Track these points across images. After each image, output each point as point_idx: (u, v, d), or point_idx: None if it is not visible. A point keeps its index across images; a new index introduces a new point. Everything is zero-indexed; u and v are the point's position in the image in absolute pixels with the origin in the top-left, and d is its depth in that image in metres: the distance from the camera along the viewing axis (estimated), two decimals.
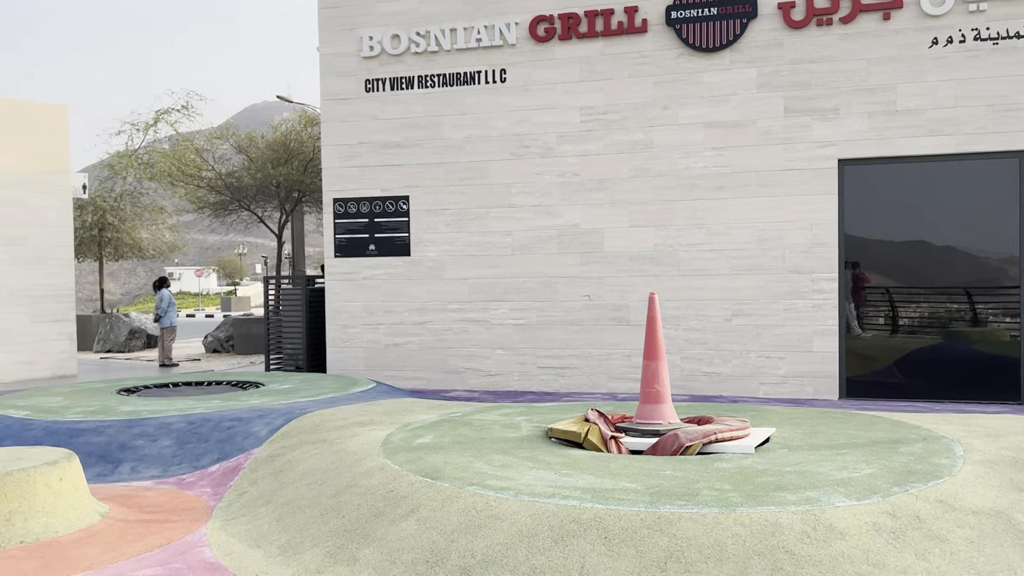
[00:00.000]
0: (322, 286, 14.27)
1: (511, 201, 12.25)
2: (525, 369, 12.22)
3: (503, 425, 7.34)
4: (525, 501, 4.93)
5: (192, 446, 7.67)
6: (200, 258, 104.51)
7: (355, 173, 12.98)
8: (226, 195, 22.01)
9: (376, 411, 8.35)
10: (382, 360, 12.89)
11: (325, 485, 5.94)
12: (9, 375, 15.16)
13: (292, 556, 5.07)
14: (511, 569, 4.44)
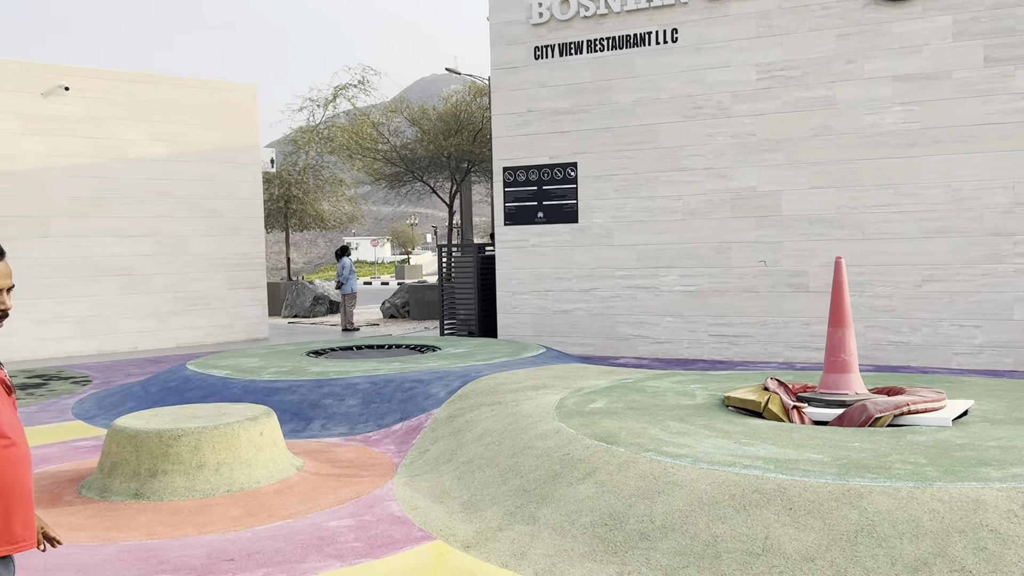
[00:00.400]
0: (493, 254, 14.54)
1: (682, 164, 11.99)
2: (696, 337, 12.00)
3: (677, 392, 7.24)
4: (704, 469, 4.85)
5: (376, 405, 8.04)
6: (375, 228, 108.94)
7: (524, 141, 13.08)
8: (400, 166, 22.76)
9: (548, 375, 8.44)
10: (550, 326, 13.01)
11: (502, 446, 6.07)
12: (209, 338, 16.41)
13: (474, 513, 5.23)
14: (691, 536, 4.39)
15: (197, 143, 16.27)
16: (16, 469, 2.39)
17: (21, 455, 2.42)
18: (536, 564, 4.46)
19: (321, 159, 26.00)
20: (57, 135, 14.65)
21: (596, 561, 4.41)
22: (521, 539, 4.75)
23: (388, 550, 4.73)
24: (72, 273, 14.77)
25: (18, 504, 2.39)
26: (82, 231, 14.87)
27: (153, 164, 15.72)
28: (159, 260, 15.77)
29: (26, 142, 14.32)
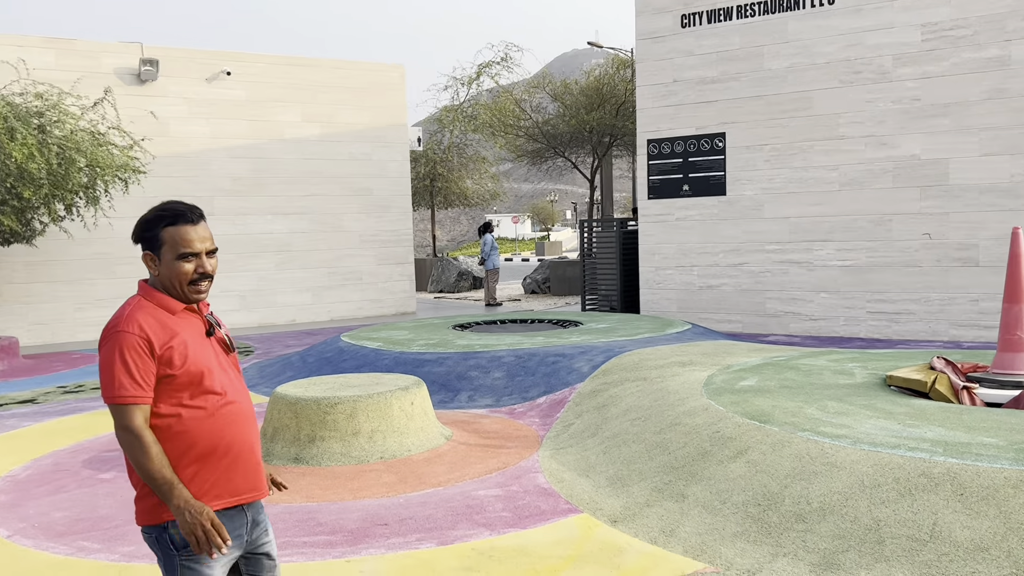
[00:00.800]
0: (635, 228, 14.34)
1: (839, 132, 11.42)
2: (852, 314, 11.45)
3: (834, 371, 6.93)
4: (865, 450, 4.61)
5: (521, 379, 8.10)
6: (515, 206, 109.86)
7: (669, 112, 12.79)
8: (542, 142, 22.77)
9: (694, 352, 8.26)
10: (695, 302, 12.73)
11: (649, 422, 5.99)
12: (360, 311, 17.01)
13: (620, 488, 5.18)
14: (851, 520, 4.18)
15: (348, 123, 16.81)
16: (235, 426, 2.46)
17: (240, 411, 2.49)
18: (686, 542, 4.37)
19: (465, 137, 26.35)
20: (220, 118, 15.46)
21: (749, 541, 4.28)
22: (670, 516, 4.67)
23: (535, 521, 4.75)
24: (235, 249, 15.60)
25: (240, 459, 2.47)
26: (243, 209, 15.67)
27: (307, 144, 16.36)
28: (314, 237, 16.43)
29: (192, 125, 15.18)
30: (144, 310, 2.41)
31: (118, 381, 2.32)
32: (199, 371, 2.40)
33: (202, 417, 2.40)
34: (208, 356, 2.46)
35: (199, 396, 2.40)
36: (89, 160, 10.94)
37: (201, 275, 2.45)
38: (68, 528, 4.85)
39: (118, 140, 12.17)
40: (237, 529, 2.48)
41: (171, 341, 2.38)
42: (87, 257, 14.24)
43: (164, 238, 2.42)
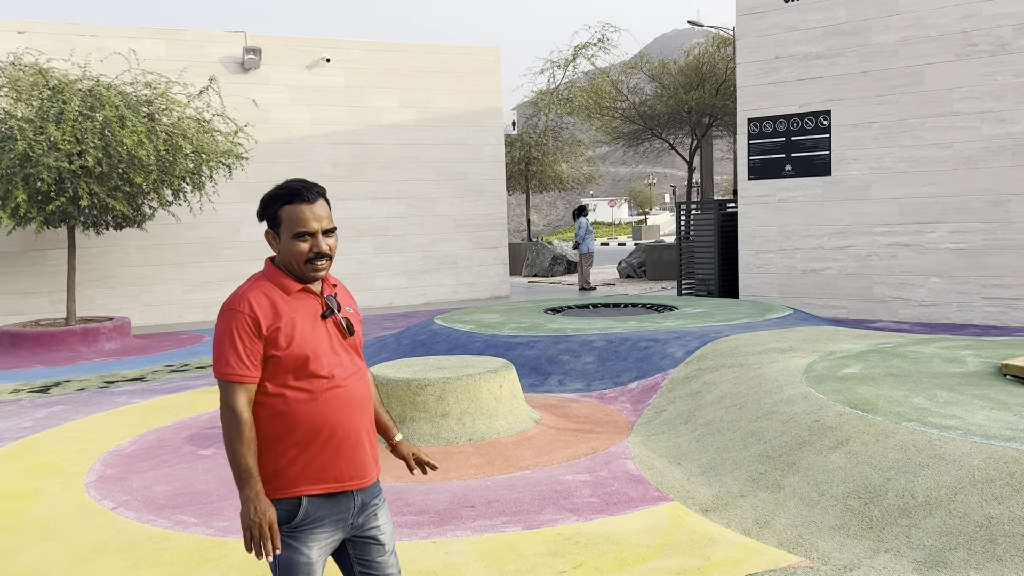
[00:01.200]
0: (734, 211, 13.96)
1: (953, 108, 10.82)
2: (966, 299, 10.87)
3: (944, 359, 6.56)
4: (977, 443, 4.34)
5: (612, 363, 7.98)
6: (612, 189, 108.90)
7: (771, 90, 12.37)
8: (639, 124, 22.42)
9: (795, 338, 7.97)
10: (797, 287, 12.31)
11: (744, 409, 5.80)
12: (454, 295, 17.14)
13: (713, 477, 5.03)
14: (960, 515, 3.94)
15: (443, 108, 16.90)
16: (341, 411, 2.42)
17: (348, 396, 2.44)
18: (780, 534, 4.20)
19: (560, 120, 26.18)
20: (320, 104, 15.76)
21: (848, 535, 4.08)
22: (764, 506, 4.50)
23: (624, 508, 4.66)
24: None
25: (345, 445, 2.42)
26: (342, 194, 15.96)
27: (404, 129, 16.53)
28: (410, 221, 16.62)
29: (294, 112, 15.53)
30: (258, 289, 2.41)
31: (224, 358, 2.35)
32: (304, 354, 2.37)
33: (306, 400, 2.38)
34: (318, 339, 2.41)
35: (304, 379, 2.38)
36: (195, 147, 11.30)
37: (317, 255, 2.40)
38: (168, 502, 5.02)
39: (222, 127, 12.54)
40: (341, 512, 2.45)
41: (279, 322, 2.37)
42: (194, 241, 14.77)
43: (282, 217, 2.42)
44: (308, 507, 2.40)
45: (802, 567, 3.84)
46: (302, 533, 2.39)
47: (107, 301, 14.15)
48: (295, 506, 2.38)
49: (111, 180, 10.79)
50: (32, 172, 10.27)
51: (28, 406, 7.93)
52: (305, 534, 2.39)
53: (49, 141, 10.26)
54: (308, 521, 2.40)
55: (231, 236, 15.07)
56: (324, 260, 2.43)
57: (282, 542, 2.37)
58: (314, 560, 2.39)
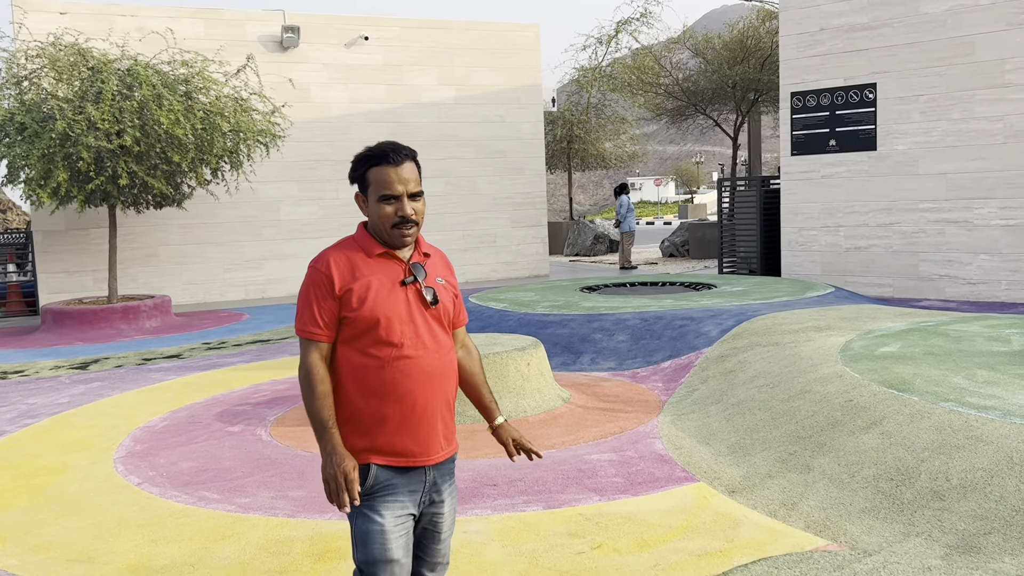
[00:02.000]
0: (777, 187, 13.66)
1: (1004, 80, 10.41)
2: (1017, 277, 10.50)
3: (987, 338, 6.33)
4: (1016, 424, 4.16)
5: (646, 342, 7.85)
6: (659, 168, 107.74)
7: (815, 63, 12.03)
8: (683, 100, 22.04)
9: (833, 316, 7.76)
10: (841, 265, 12.02)
11: (776, 388, 5.65)
12: (493, 273, 17.08)
13: (741, 457, 4.90)
14: (996, 499, 3.78)
15: (482, 85, 16.78)
16: (410, 382, 2.35)
17: (420, 368, 2.37)
18: (808, 516, 4.08)
19: (604, 97, 25.86)
20: (358, 83, 15.74)
21: (878, 518, 3.94)
22: (792, 488, 4.37)
23: (648, 488, 4.56)
24: None
25: (411, 418, 2.36)
26: None
27: (442, 108, 16.45)
28: (449, 200, 16.57)
29: (332, 91, 15.54)
30: (342, 249, 2.40)
31: (301, 315, 2.37)
32: (375, 318, 2.32)
33: (374, 367, 2.33)
34: (394, 305, 2.36)
35: (374, 345, 2.33)
36: (232, 125, 11.35)
37: (402, 219, 2.36)
38: (192, 478, 5.04)
39: (260, 106, 12.59)
40: (414, 485, 2.40)
41: (353, 283, 2.34)
42: (234, 220, 14.89)
43: (369, 179, 2.39)
44: (378, 474, 2.36)
45: (828, 551, 3.71)
46: (374, 500, 2.35)
47: (150, 280, 14.35)
48: (364, 473, 2.35)
49: (149, 159, 10.89)
50: (72, 152, 10.41)
51: (67, 383, 8.06)
52: (378, 501, 2.35)
53: (88, 121, 10.38)
54: (379, 488, 2.36)
55: (271, 215, 15.17)
56: (410, 225, 2.38)
57: (356, 511, 2.34)
58: (388, 528, 2.33)
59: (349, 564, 3.73)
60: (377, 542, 2.33)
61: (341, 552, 3.87)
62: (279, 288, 15.28)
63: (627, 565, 3.65)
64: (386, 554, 2.34)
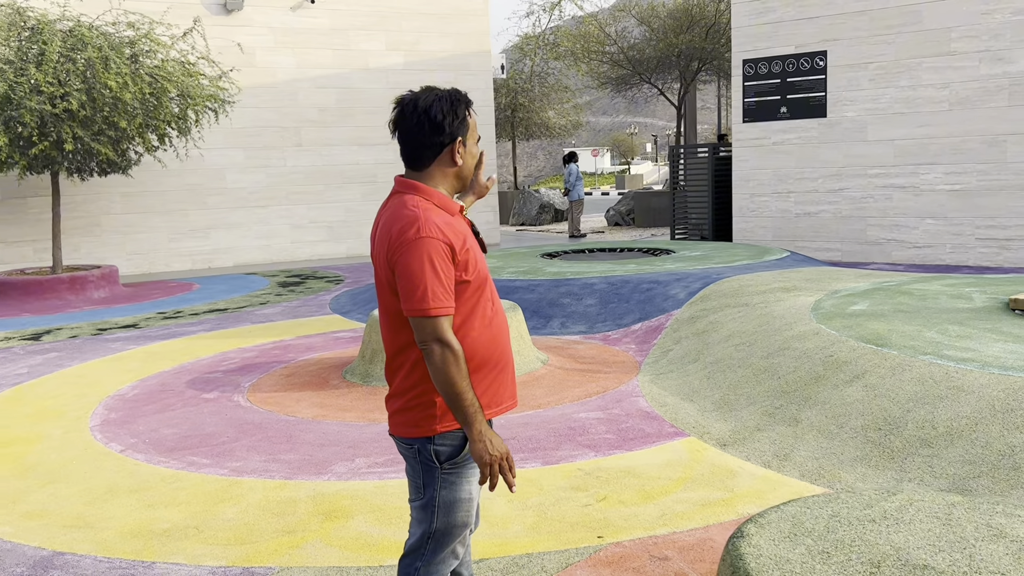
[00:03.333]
0: (729, 155, 13.86)
1: (950, 48, 10.71)
2: (960, 241, 10.88)
3: (950, 295, 6.56)
4: (995, 374, 4.33)
5: (614, 306, 7.93)
6: (592, 139, 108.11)
7: (767, 31, 12.19)
8: (627, 69, 22.14)
9: (797, 278, 7.95)
10: (791, 230, 12.29)
11: (754, 347, 5.77)
12: None
13: (728, 412, 5.01)
14: (983, 445, 3.94)
15: (431, 51, 16.58)
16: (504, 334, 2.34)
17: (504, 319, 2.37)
18: (802, 466, 4.20)
19: (547, 66, 25.82)
20: (305, 48, 15.40)
21: (870, 466, 4.08)
22: (783, 440, 4.49)
23: (641, 443, 4.63)
24: (323, 181, 15.69)
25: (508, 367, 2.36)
26: (329, 140, 15.69)
27: (391, 74, 16.22)
28: (399, 167, 16.38)
29: (278, 55, 15.18)
30: (435, 213, 2.20)
31: (431, 291, 2.12)
32: (484, 275, 2.27)
33: (482, 327, 2.26)
34: (484, 260, 2.32)
35: (481, 303, 2.26)
36: (180, 90, 11.02)
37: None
38: (177, 444, 4.95)
39: (207, 70, 12.23)
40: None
41: (465, 244, 2.22)
42: (179, 188, 14.50)
43: (469, 123, 2.28)
44: None
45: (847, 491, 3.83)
46: (464, 467, 2.28)
47: (92, 250, 13.92)
48: (458, 439, 2.26)
49: (95, 124, 10.51)
50: (13, 115, 9.99)
51: (21, 353, 7.80)
52: (466, 469, 2.29)
53: (31, 83, 9.96)
54: (468, 456, 2.29)
55: (217, 183, 14.82)
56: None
57: (449, 475, 2.27)
58: (473, 496, 2.31)
59: (358, 522, 3.72)
60: (463, 510, 2.30)
61: (347, 510, 3.85)
62: (226, 258, 14.97)
63: (635, 516, 3.72)
64: (467, 520, 2.33)
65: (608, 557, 3.34)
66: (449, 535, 2.31)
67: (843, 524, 2.53)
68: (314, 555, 3.45)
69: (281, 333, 8.29)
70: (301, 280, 12.41)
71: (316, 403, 5.65)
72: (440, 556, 2.33)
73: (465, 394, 2.14)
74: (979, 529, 2.45)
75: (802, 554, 2.37)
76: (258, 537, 3.64)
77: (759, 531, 2.53)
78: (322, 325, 8.69)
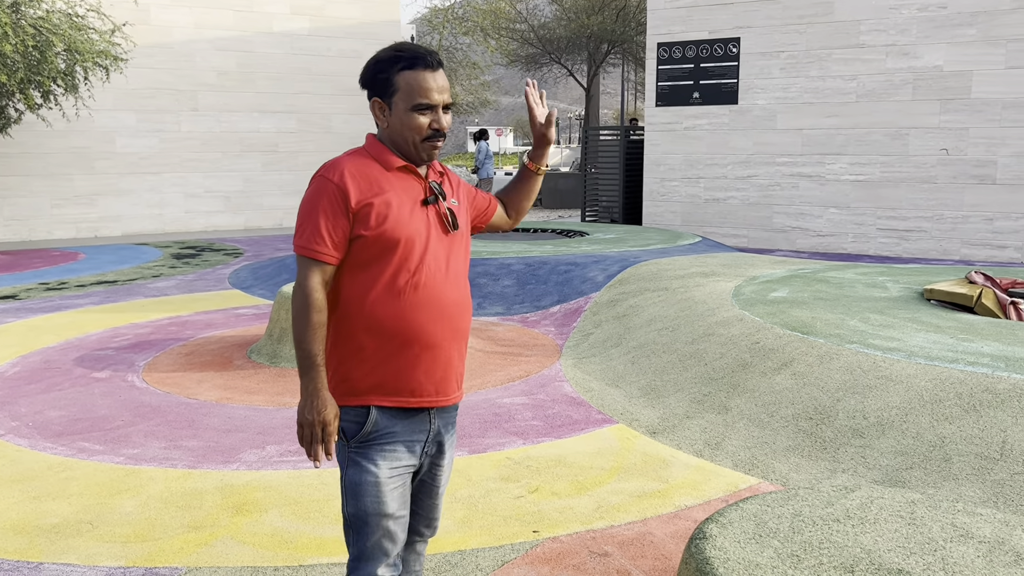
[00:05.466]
0: (640, 138, 13.87)
1: (859, 40, 10.92)
2: (862, 230, 11.16)
3: (865, 284, 6.64)
4: (922, 364, 4.34)
5: (532, 287, 7.76)
6: (494, 118, 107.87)
7: (682, 15, 12.19)
8: (537, 48, 21.95)
9: (714, 263, 7.95)
10: (700, 215, 12.38)
11: (678, 332, 5.69)
12: None
13: (655, 399, 4.90)
14: (913, 435, 3.93)
15: (338, 18, 16.00)
16: (427, 313, 2.06)
17: (437, 298, 2.07)
18: (734, 455, 4.11)
19: (455, 40, 25.39)
20: (203, 6, 14.61)
21: (803, 456, 4.02)
22: (713, 428, 4.40)
23: (569, 431, 4.47)
24: (220, 148, 14.96)
25: (426, 354, 2.07)
26: (228, 106, 14.97)
27: (295, 39, 15.58)
28: (302, 137, 15.80)
29: (175, 13, 14.35)
30: (356, 161, 2.07)
31: (304, 230, 2.03)
32: (395, 239, 2.02)
33: (388, 296, 2.03)
34: (415, 227, 2.06)
35: (390, 269, 2.03)
36: (67, 44, 10.24)
37: (436, 131, 2.07)
38: (65, 428, 4.51)
39: (97, 24, 11.42)
40: (416, 434, 2.12)
41: (373, 198, 2.02)
42: (64, 151, 13.57)
43: (399, 83, 2.05)
44: (379, 419, 2.07)
45: (762, 488, 3.75)
46: (370, 448, 2.06)
47: None
48: (363, 416, 2.06)
49: None
50: None
51: None
52: (374, 450, 2.06)
53: None
54: (378, 435, 2.07)
55: (105, 147, 13.93)
56: (442, 139, 2.10)
57: (350, 458, 2.07)
58: (383, 479, 2.06)
59: (272, 516, 3.43)
60: (371, 495, 2.05)
61: (260, 503, 3.55)
62: (114, 226, 14.13)
63: (570, 508, 3.55)
64: (380, 508, 2.07)
65: (546, 553, 3.16)
66: (365, 524, 2.07)
67: (808, 524, 2.40)
68: (225, 554, 3.15)
69: (177, 308, 7.80)
70: (197, 252, 11.79)
71: (219, 385, 5.28)
72: (363, 551, 2.09)
73: (303, 344, 2.01)
74: (945, 529, 2.37)
75: (771, 557, 2.23)
76: (161, 533, 3.31)
77: (721, 532, 2.38)
78: (221, 300, 8.22)
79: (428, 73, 2.05)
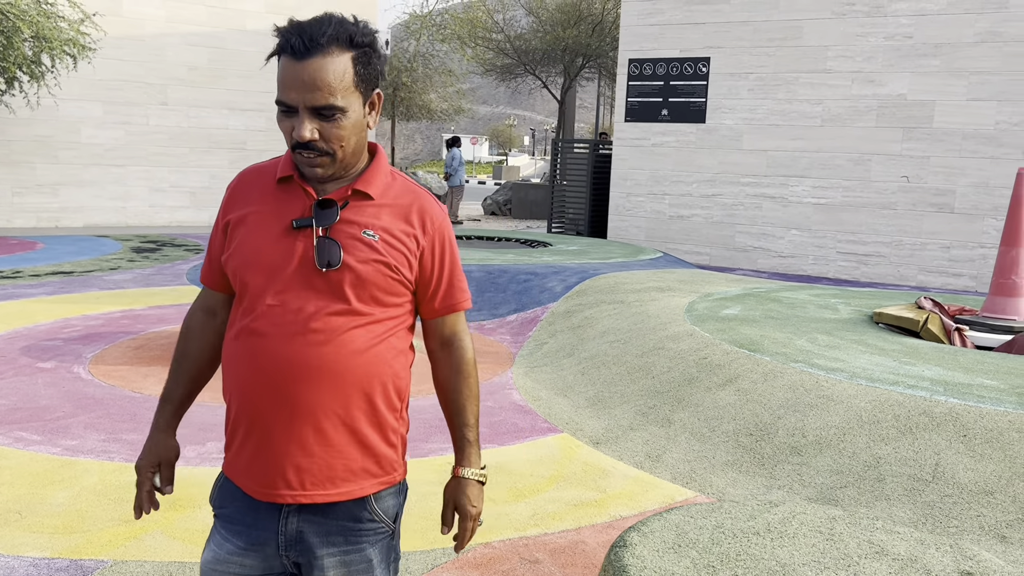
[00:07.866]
0: (608, 152, 13.96)
1: (826, 66, 11.09)
2: (823, 253, 11.31)
3: (817, 305, 6.73)
4: (863, 385, 4.41)
5: (490, 295, 7.78)
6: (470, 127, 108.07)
7: (654, 32, 12.31)
8: (513, 58, 22.04)
9: (671, 279, 8.01)
10: (663, 231, 12.48)
11: (629, 344, 5.73)
12: None
13: (601, 410, 4.93)
14: (850, 455, 3.99)
15: None
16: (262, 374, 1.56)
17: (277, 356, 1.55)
18: (673, 468, 4.15)
19: (432, 47, 25.41)
20: (176, 1, 14.51)
21: (741, 471, 4.06)
22: (656, 441, 4.44)
23: (513, 438, 4.48)
24: (188, 144, 14.84)
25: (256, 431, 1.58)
26: (198, 101, 14.86)
27: (269, 37, 15.49)
28: (271, 136, 15.71)
29: (146, 5, 14.23)
30: (263, 165, 1.68)
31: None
32: (241, 263, 1.58)
33: (229, 344, 1.62)
34: (272, 254, 1.57)
35: (239, 307, 1.61)
36: (34, 31, 10.12)
37: (297, 142, 1.51)
38: (4, 416, 4.45)
39: (67, 12, 11.30)
40: (258, 531, 1.60)
41: (242, 211, 1.62)
42: (27, 139, 13.39)
43: (279, 76, 1.53)
44: (220, 493, 1.67)
45: (698, 502, 3.78)
46: (218, 520, 1.66)
47: None
48: (217, 483, 1.69)
49: None
50: None
51: None
52: (217, 525, 1.66)
53: None
54: (218, 510, 1.67)
55: (70, 136, 13.76)
56: (311, 153, 1.52)
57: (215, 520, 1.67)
58: (206, 562, 1.63)
59: (205, 513, 3.40)
60: (203, 571, 1.66)
61: (194, 499, 3.52)
62: (76, 217, 13.95)
63: (505, 515, 3.56)
64: None
65: (476, 559, 3.17)
66: None
67: (727, 536, 2.43)
68: (154, 548, 3.12)
69: (131, 302, 7.71)
70: (157, 247, 11.67)
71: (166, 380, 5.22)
72: None
73: (167, 377, 1.76)
74: (861, 546, 2.41)
75: (687, 567, 2.25)
76: (91, 526, 3.27)
77: (642, 540, 2.41)
78: (177, 296, 8.15)
79: (291, 63, 1.49)
